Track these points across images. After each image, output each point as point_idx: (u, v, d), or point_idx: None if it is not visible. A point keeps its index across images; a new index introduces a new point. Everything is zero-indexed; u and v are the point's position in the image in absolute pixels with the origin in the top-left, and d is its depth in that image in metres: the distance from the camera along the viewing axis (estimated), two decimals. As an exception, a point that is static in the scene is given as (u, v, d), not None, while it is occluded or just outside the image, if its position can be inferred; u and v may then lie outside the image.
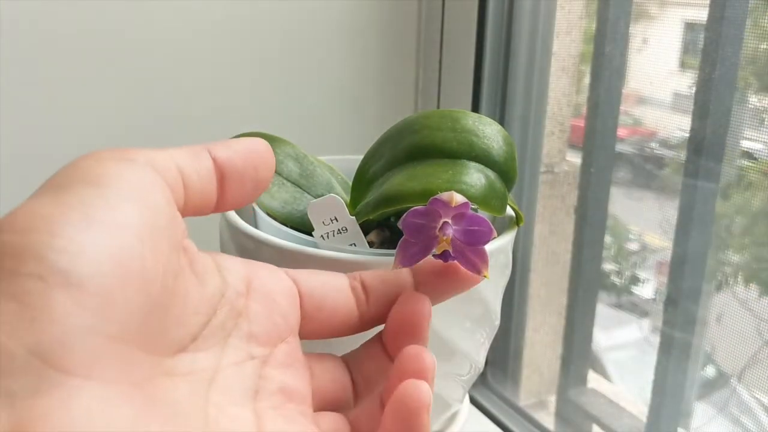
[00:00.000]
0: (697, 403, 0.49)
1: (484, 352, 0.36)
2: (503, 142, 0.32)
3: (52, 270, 0.16)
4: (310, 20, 0.58)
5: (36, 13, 0.48)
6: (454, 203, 0.24)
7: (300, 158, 0.38)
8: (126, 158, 0.20)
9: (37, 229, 0.17)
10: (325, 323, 0.25)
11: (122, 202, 0.18)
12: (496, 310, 0.35)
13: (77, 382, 0.16)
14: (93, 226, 0.17)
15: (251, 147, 0.24)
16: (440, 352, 0.33)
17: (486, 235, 0.24)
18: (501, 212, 0.31)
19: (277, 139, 0.38)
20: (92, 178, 0.19)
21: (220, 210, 0.23)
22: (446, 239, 0.24)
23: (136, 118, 0.53)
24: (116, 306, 0.17)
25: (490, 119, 0.33)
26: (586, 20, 0.56)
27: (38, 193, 0.19)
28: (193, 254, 0.22)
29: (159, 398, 0.18)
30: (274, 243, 0.31)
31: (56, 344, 0.16)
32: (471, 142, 0.31)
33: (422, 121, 0.33)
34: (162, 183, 0.20)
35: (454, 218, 0.24)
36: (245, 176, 0.23)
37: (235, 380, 0.21)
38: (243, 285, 0.23)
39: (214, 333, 0.21)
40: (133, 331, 0.17)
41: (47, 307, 0.16)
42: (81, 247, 0.17)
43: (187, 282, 0.21)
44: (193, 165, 0.22)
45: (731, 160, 0.43)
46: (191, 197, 0.22)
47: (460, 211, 0.24)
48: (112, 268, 0.17)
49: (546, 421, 0.58)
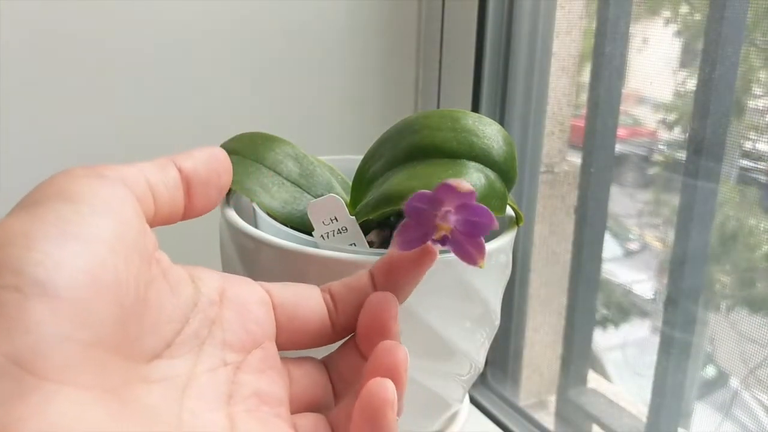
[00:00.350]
0: (697, 403, 0.49)
1: (484, 352, 0.36)
2: (503, 142, 0.32)
3: (29, 282, 0.17)
4: (310, 20, 0.58)
5: (40, 14, 0.48)
6: (461, 189, 0.24)
7: (300, 158, 0.38)
8: (98, 174, 0.21)
9: (14, 243, 0.18)
10: (298, 333, 0.25)
11: (95, 216, 0.19)
12: (496, 309, 0.35)
13: (54, 387, 0.16)
14: (68, 240, 0.18)
15: (212, 155, 0.25)
16: (440, 352, 0.33)
17: (486, 227, 0.24)
18: (501, 212, 0.31)
19: (277, 139, 0.38)
20: (67, 195, 0.20)
21: (188, 217, 0.25)
22: (446, 227, 0.24)
23: (136, 118, 0.53)
24: (91, 315, 0.18)
25: (490, 119, 0.33)
26: (586, 20, 0.56)
27: (15, 210, 0.20)
28: (166, 265, 0.23)
29: (133, 403, 0.19)
30: (274, 243, 0.32)
31: (33, 351, 0.16)
32: (471, 142, 0.31)
33: (422, 121, 0.33)
34: (132, 197, 0.21)
35: (458, 208, 0.24)
36: (210, 183, 0.25)
37: (208, 386, 0.22)
38: (216, 295, 0.24)
39: (187, 340, 0.22)
40: (107, 338, 0.18)
41: (24, 316, 0.17)
42: (57, 260, 0.18)
43: (160, 291, 0.22)
44: (160, 177, 0.23)
45: (731, 160, 0.43)
46: (160, 208, 0.23)
47: (464, 201, 0.24)
48: (86, 279, 0.18)
49: (546, 421, 0.58)
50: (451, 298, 0.31)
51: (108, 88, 0.52)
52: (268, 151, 0.37)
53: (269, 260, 0.32)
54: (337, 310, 0.26)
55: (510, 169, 0.32)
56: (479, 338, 0.34)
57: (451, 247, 0.25)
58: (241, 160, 0.36)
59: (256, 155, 0.37)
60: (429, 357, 0.33)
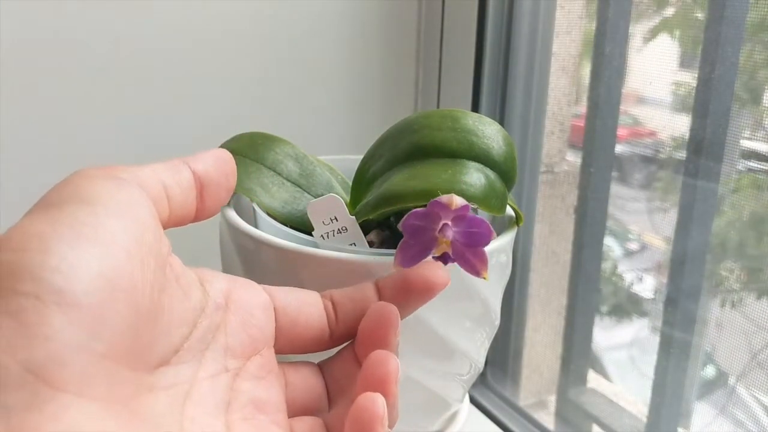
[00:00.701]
0: (697, 403, 0.49)
1: (484, 352, 0.36)
2: (503, 142, 0.32)
3: (48, 290, 0.17)
4: (310, 20, 0.58)
5: (45, 15, 0.48)
6: (454, 206, 0.24)
7: (300, 158, 0.38)
8: (114, 176, 0.21)
9: (31, 247, 0.18)
10: (298, 338, 0.26)
11: (111, 219, 0.19)
12: (496, 309, 0.35)
13: (68, 398, 0.16)
14: (84, 243, 0.18)
15: (220, 157, 0.25)
16: (440, 352, 0.33)
17: (485, 236, 0.24)
18: (501, 212, 0.31)
19: (277, 139, 0.38)
20: (83, 196, 0.20)
21: (199, 219, 0.25)
22: (446, 241, 0.24)
23: (135, 119, 0.53)
24: (107, 322, 0.18)
25: (491, 119, 0.33)
26: (586, 20, 0.56)
27: (31, 212, 0.19)
28: (178, 270, 0.23)
29: (141, 414, 0.19)
30: (274, 243, 0.32)
31: (50, 361, 0.16)
32: (471, 142, 0.31)
33: (422, 120, 0.33)
34: (148, 200, 0.21)
35: (454, 220, 0.24)
36: (220, 185, 0.25)
37: (209, 393, 0.22)
38: (222, 298, 0.24)
39: (193, 346, 0.22)
40: (121, 347, 0.18)
41: (42, 325, 0.17)
42: (73, 265, 0.18)
43: (173, 296, 0.22)
44: (175, 179, 0.23)
45: (731, 160, 0.43)
46: (174, 210, 0.23)
47: (459, 214, 0.24)
48: (103, 284, 0.18)
49: (546, 420, 0.58)
50: (452, 298, 0.31)
51: (111, 88, 0.52)
52: (268, 151, 0.37)
53: (269, 260, 0.32)
54: (337, 319, 0.26)
55: (510, 169, 0.32)
56: (479, 338, 0.35)
57: (457, 261, 0.25)
58: (241, 160, 0.36)
59: (256, 155, 0.37)
60: (429, 357, 0.33)
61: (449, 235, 0.24)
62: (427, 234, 0.25)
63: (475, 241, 0.24)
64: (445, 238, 0.24)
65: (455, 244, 0.24)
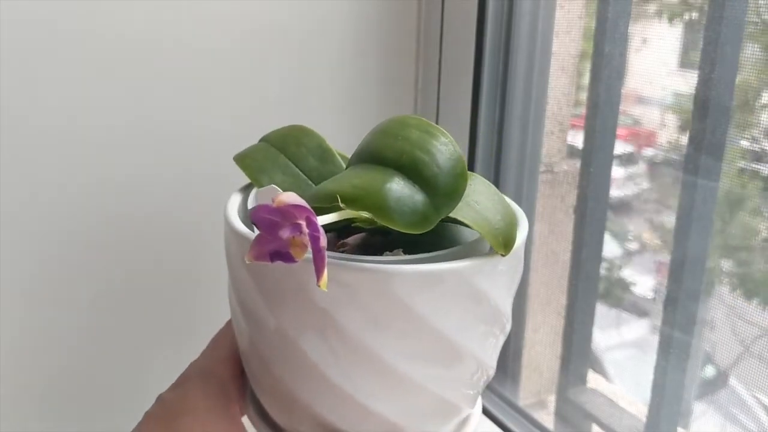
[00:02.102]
0: (696, 403, 0.49)
1: (495, 357, 0.36)
2: (443, 158, 0.30)
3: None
4: (310, 20, 0.58)
5: (51, 14, 0.48)
6: (277, 203, 0.23)
7: (325, 155, 0.38)
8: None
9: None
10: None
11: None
12: (508, 313, 0.34)
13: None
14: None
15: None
16: (451, 358, 0.32)
17: (315, 241, 0.24)
18: (420, 227, 0.29)
19: (310, 134, 0.39)
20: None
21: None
22: (298, 241, 0.24)
23: (135, 119, 0.53)
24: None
25: (447, 136, 0.31)
26: (586, 20, 0.56)
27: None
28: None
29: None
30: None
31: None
32: (402, 151, 0.30)
33: (388, 124, 0.32)
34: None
35: (307, 221, 0.24)
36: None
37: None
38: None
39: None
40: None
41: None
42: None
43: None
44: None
45: (731, 159, 0.43)
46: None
47: (306, 214, 0.24)
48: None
49: (546, 420, 0.58)
50: (461, 303, 0.31)
51: (111, 88, 0.52)
52: (295, 143, 0.38)
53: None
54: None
55: (442, 186, 0.30)
56: (491, 343, 0.34)
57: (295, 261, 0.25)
58: (265, 146, 0.37)
59: (281, 144, 0.38)
60: (439, 363, 0.32)
61: (298, 233, 0.24)
62: (278, 230, 0.24)
63: (313, 246, 0.24)
64: (298, 238, 0.24)
65: (311, 245, 0.24)
